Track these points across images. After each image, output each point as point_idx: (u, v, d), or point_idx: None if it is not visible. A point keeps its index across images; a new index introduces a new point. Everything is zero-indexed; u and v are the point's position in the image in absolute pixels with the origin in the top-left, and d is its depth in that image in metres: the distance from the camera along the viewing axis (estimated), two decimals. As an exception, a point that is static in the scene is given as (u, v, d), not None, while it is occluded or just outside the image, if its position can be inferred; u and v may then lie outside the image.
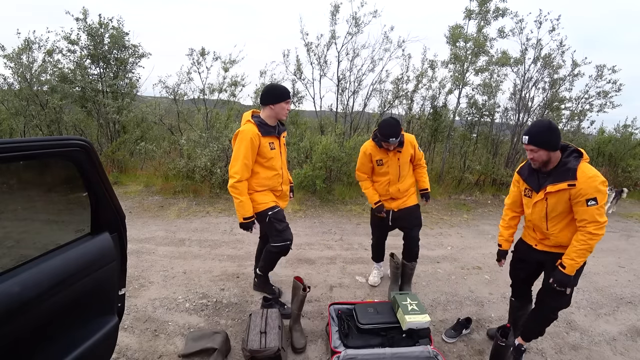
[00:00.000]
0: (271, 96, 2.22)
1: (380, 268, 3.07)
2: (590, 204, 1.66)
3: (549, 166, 1.78)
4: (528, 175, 1.90)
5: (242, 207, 2.19)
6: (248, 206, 2.20)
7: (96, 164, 1.24)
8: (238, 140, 2.14)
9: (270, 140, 2.24)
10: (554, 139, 1.70)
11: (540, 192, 1.81)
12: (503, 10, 5.88)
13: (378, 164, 2.58)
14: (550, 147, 1.71)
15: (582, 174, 1.68)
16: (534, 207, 1.88)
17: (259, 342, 1.88)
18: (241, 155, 2.12)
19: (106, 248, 1.31)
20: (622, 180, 7.70)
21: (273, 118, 2.27)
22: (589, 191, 1.66)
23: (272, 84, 2.36)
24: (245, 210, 2.19)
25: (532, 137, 1.71)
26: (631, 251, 4.30)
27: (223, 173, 5.40)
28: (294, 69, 6.46)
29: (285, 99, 2.23)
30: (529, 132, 1.73)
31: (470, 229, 4.75)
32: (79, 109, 6.98)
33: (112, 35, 6.42)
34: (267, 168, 2.27)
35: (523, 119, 6.75)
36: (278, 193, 2.41)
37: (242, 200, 2.18)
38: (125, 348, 2.11)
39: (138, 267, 3.15)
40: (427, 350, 2.00)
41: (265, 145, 2.20)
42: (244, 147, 2.11)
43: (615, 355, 2.29)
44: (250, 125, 2.17)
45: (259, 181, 2.27)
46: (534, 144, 1.71)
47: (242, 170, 2.14)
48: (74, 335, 1.22)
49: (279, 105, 2.22)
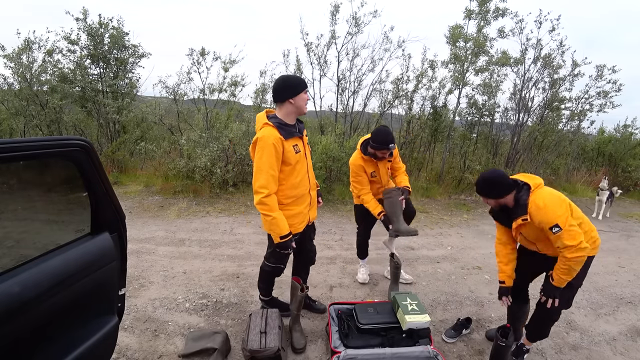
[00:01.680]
0: (289, 89, 1.89)
1: (366, 265, 3.11)
2: (554, 231, 1.66)
3: (510, 206, 1.84)
4: (497, 213, 1.97)
5: (276, 226, 1.87)
6: (283, 223, 1.89)
7: (96, 164, 1.24)
8: (259, 149, 1.82)
9: (294, 142, 1.93)
10: (494, 190, 1.80)
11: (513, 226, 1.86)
12: (503, 10, 5.88)
13: (372, 176, 2.64)
14: (497, 195, 1.81)
15: (533, 207, 1.72)
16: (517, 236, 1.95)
17: (259, 342, 1.88)
18: (266, 166, 1.81)
19: (106, 248, 1.31)
20: (622, 180, 7.70)
21: (293, 114, 1.95)
22: (545, 220, 1.68)
23: (283, 76, 1.96)
24: (281, 229, 1.88)
25: (479, 190, 1.86)
26: (631, 251, 4.30)
27: (223, 173, 5.40)
28: (294, 69, 6.46)
29: (304, 88, 1.92)
30: (476, 184, 1.88)
31: (470, 229, 4.75)
32: (79, 109, 6.99)
33: (112, 35, 6.42)
34: (293, 175, 1.96)
35: (523, 119, 6.76)
36: (307, 201, 2.09)
37: (274, 217, 1.86)
38: (125, 348, 2.11)
39: (138, 267, 3.15)
40: (427, 350, 2.00)
41: (290, 149, 1.89)
42: (266, 156, 1.80)
43: (615, 355, 2.29)
44: (270, 129, 1.84)
45: (285, 192, 1.95)
46: (481, 195, 1.86)
47: (268, 183, 1.82)
48: (74, 336, 1.22)
49: (299, 97, 1.90)
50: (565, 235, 1.65)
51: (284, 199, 1.96)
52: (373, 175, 2.63)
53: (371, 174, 2.62)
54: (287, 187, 1.95)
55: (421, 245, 4.00)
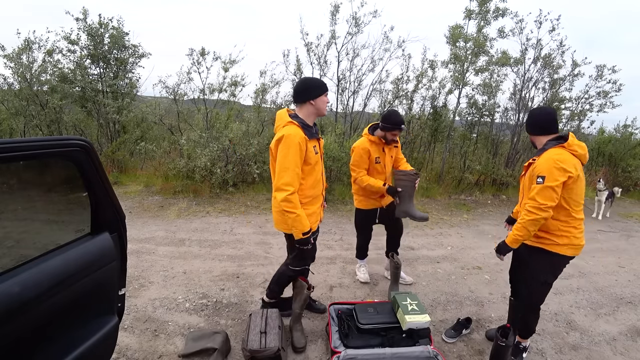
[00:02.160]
0: (311, 90, 1.94)
1: (366, 265, 3.12)
2: (538, 181, 1.72)
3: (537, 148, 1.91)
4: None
5: (299, 222, 1.90)
6: (305, 220, 1.93)
7: (96, 164, 1.24)
8: (284, 146, 1.83)
9: (314, 143, 1.99)
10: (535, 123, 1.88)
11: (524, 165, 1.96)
12: (503, 10, 5.88)
13: (376, 161, 2.60)
14: (528, 129, 1.92)
15: (546, 154, 1.76)
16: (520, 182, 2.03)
17: (259, 342, 1.88)
18: (292, 164, 1.83)
19: (106, 248, 1.31)
20: (622, 180, 7.70)
21: (313, 116, 2.00)
22: (541, 168, 1.73)
23: (306, 78, 2.03)
24: (303, 225, 1.92)
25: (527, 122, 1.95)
26: (631, 251, 4.30)
27: (223, 173, 5.40)
28: (294, 69, 6.47)
29: (325, 90, 1.97)
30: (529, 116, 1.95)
31: (470, 229, 4.75)
32: (79, 109, 6.99)
33: (112, 35, 6.42)
34: (312, 176, 2.01)
35: (523, 119, 6.75)
36: (320, 201, 2.17)
37: (298, 214, 1.89)
38: (125, 348, 2.11)
39: (138, 267, 3.15)
40: (427, 350, 2.00)
41: (311, 149, 1.94)
42: (292, 154, 1.82)
43: (615, 355, 2.29)
44: (295, 128, 1.88)
45: (304, 192, 1.99)
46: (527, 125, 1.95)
47: (293, 180, 1.85)
48: (74, 335, 1.22)
49: (321, 99, 1.95)
50: (540, 190, 1.71)
51: (302, 198, 1.98)
52: (377, 161, 2.60)
53: (375, 159, 2.59)
54: (306, 187, 1.99)
55: (421, 245, 4.00)
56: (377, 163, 2.60)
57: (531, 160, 1.85)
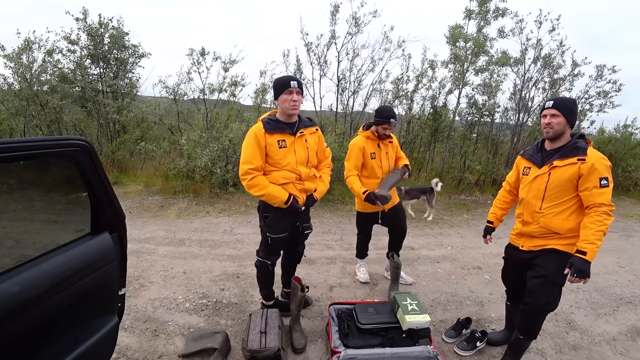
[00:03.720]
0: (274, 91, 2.04)
1: (365, 264, 3.12)
2: (603, 183, 1.61)
3: (559, 142, 1.77)
4: (532, 154, 1.90)
5: (274, 197, 1.97)
6: (278, 191, 1.98)
7: (96, 164, 1.24)
8: (244, 141, 2.01)
9: (280, 137, 2.01)
10: (575, 113, 1.73)
11: (545, 166, 1.78)
12: (503, 10, 5.89)
13: (372, 157, 2.61)
14: (569, 117, 1.71)
15: (592, 153, 1.67)
16: (532, 184, 1.84)
17: (259, 342, 1.88)
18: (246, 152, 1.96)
19: (106, 248, 1.31)
20: (622, 180, 7.69)
21: (282, 114, 2.04)
22: (601, 169, 1.62)
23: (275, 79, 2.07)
24: (279, 197, 1.98)
25: (558, 101, 1.73)
26: (631, 251, 4.30)
27: (223, 173, 5.40)
28: (294, 69, 6.47)
29: (284, 89, 1.94)
30: (554, 98, 1.76)
31: (470, 229, 4.74)
32: (79, 109, 7.00)
33: (112, 35, 6.43)
34: (279, 169, 2.03)
35: (523, 119, 6.76)
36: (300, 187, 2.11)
37: (268, 193, 1.95)
38: (125, 348, 2.11)
39: (138, 267, 3.15)
40: (427, 350, 2.00)
41: (273, 143, 1.98)
42: (246, 145, 1.98)
43: (615, 355, 2.29)
44: (257, 124, 2.02)
45: (275, 180, 2.03)
46: (557, 107, 1.71)
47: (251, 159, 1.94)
48: (74, 335, 1.22)
49: (280, 99, 1.98)
50: (609, 193, 1.62)
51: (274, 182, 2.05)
52: (372, 156, 2.61)
53: (371, 155, 2.61)
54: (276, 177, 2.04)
55: (421, 245, 4.00)
56: (373, 159, 2.62)
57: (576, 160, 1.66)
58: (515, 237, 2.03)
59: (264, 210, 2.15)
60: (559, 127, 1.72)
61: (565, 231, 1.76)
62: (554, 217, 1.77)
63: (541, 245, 1.85)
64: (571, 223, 1.75)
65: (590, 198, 1.66)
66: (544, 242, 1.84)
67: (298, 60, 6.42)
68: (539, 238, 1.85)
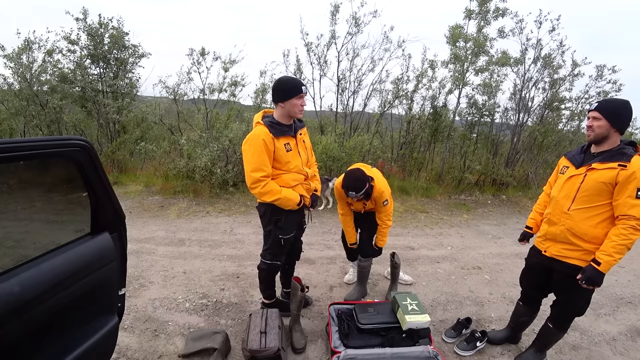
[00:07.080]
0: (280, 92, 1.92)
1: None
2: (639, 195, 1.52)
3: (603, 146, 1.68)
4: (575, 154, 1.82)
5: (287, 201, 1.97)
6: (291, 194, 1.98)
7: (96, 164, 1.24)
8: (248, 146, 1.88)
9: (285, 141, 1.97)
10: (623, 117, 1.62)
11: (582, 167, 1.72)
12: (503, 10, 5.88)
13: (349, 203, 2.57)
14: (614, 121, 1.61)
15: (637, 161, 1.55)
16: (565, 183, 1.77)
17: (259, 342, 1.88)
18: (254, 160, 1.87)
19: (106, 248, 1.31)
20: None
21: (286, 117, 1.98)
22: None
23: (281, 78, 1.99)
24: (292, 200, 1.98)
25: (601, 104, 1.65)
26: (631, 251, 4.28)
27: (223, 173, 5.40)
28: (294, 69, 6.47)
29: (296, 94, 1.91)
30: (599, 100, 1.68)
31: (470, 229, 4.74)
32: (79, 109, 6.99)
33: (112, 35, 6.43)
34: (287, 172, 2.01)
35: (523, 119, 6.75)
36: (306, 187, 2.16)
37: (282, 197, 1.94)
38: (125, 348, 2.11)
39: (138, 267, 3.15)
40: (427, 350, 2.00)
41: (281, 147, 1.94)
42: (254, 151, 1.87)
43: (615, 355, 2.29)
44: (260, 127, 1.91)
45: (286, 182, 2.02)
46: (599, 110, 1.63)
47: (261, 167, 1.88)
48: (74, 335, 1.22)
49: (289, 103, 1.92)
50: None
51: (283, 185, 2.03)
52: (350, 204, 2.57)
53: (348, 203, 2.56)
54: (285, 180, 2.01)
55: (421, 245, 4.00)
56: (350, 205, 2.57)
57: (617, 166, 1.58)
58: (540, 240, 1.97)
59: (273, 213, 2.08)
60: (600, 130, 1.63)
61: (590, 238, 1.69)
62: (581, 221, 1.70)
63: (563, 256, 1.80)
64: (598, 231, 1.67)
65: (623, 208, 1.57)
66: (565, 250, 1.79)
67: (298, 60, 6.43)
68: (561, 243, 1.80)
